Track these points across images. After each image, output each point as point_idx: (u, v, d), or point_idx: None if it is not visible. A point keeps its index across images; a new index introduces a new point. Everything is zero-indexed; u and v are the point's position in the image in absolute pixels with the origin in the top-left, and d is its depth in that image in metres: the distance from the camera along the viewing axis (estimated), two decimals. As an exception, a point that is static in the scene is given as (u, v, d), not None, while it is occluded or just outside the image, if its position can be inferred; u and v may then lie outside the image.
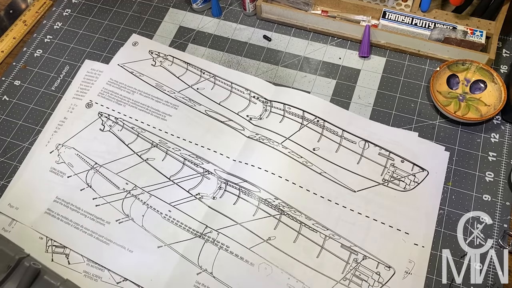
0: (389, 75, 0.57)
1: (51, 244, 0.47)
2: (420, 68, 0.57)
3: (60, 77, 0.59)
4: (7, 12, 0.66)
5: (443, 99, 0.54)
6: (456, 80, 0.55)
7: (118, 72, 0.59)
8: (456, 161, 0.50)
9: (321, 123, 0.53)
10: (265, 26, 0.62)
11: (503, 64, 0.57)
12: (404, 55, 0.58)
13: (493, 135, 0.52)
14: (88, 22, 0.65)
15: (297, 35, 0.61)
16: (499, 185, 0.49)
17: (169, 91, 0.57)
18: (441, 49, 0.57)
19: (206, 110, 0.55)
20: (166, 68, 0.59)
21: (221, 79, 0.57)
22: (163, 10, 0.65)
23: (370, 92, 0.56)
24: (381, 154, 0.51)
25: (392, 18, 0.58)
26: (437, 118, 0.53)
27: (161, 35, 0.63)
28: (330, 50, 0.60)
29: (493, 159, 0.50)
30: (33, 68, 0.60)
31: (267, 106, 0.55)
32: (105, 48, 0.62)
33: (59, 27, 0.64)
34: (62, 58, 0.61)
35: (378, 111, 0.54)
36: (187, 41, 0.62)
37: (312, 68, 0.58)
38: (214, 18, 0.64)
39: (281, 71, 0.58)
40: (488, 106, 0.53)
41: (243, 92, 0.56)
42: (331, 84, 0.57)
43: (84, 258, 0.46)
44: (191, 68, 0.59)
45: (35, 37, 0.63)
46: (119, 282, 0.45)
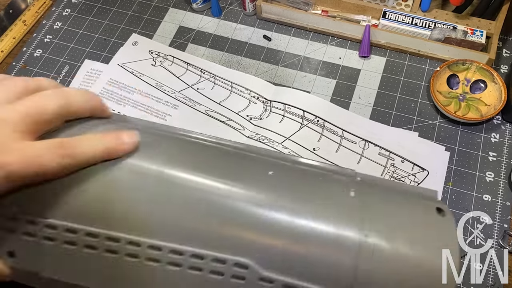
0: (389, 75, 0.57)
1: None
2: (420, 68, 0.57)
3: (60, 77, 0.59)
4: (6, 12, 0.66)
5: (443, 99, 0.54)
6: (456, 80, 0.55)
7: (118, 72, 0.59)
8: (456, 161, 0.50)
9: (321, 123, 0.53)
10: (265, 26, 0.62)
11: (503, 64, 0.57)
12: (404, 55, 0.58)
13: (493, 135, 0.52)
14: (88, 22, 0.65)
15: (297, 35, 0.61)
16: (499, 185, 0.49)
17: (169, 91, 0.57)
18: (441, 49, 0.57)
19: (206, 110, 0.55)
20: (166, 68, 0.59)
21: (221, 79, 0.57)
22: (163, 10, 0.65)
23: (370, 92, 0.56)
24: (381, 154, 0.51)
25: (392, 18, 0.58)
26: (437, 118, 0.53)
27: (161, 35, 0.62)
28: (330, 50, 0.60)
29: (493, 159, 0.50)
30: (33, 68, 0.60)
31: (267, 106, 0.55)
32: (105, 48, 0.62)
33: (59, 27, 0.64)
34: (62, 58, 0.61)
35: (378, 111, 0.54)
36: (187, 41, 0.62)
37: (312, 68, 0.58)
38: (214, 18, 0.64)
39: (281, 71, 0.58)
40: (488, 106, 0.53)
41: (243, 92, 0.56)
42: (331, 84, 0.57)
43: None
44: (191, 68, 0.59)
45: (35, 37, 0.63)
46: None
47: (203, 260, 0.28)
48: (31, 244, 0.30)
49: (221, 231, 0.28)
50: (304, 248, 0.27)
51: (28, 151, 0.26)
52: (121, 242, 0.28)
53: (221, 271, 0.28)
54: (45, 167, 0.26)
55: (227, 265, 0.28)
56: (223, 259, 0.27)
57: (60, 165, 0.27)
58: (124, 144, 0.29)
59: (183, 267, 0.28)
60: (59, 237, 0.29)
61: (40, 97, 0.28)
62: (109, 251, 0.29)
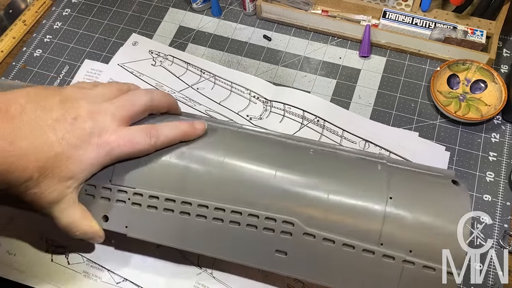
0: (390, 75, 0.57)
1: (51, 244, 0.47)
2: (420, 68, 0.57)
3: (60, 77, 0.59)
4: (6, 12, 0.66)
5: (443, 99, 0.54)
6: (456, 80, 0.55)
7: (118, 72, 0.59)
8: (456, 161, 0.50)
9: (321, 123, 0.53)
10: (265, 26, 0.62)
11: (503, 64, 0.57)
12: (405, 55, 0.58)
13: (493, 135, 0.52)
14: (88, 22, 0.64)
15: (297, 35, 0.61)
16: (499, 185, 0.49)
17: (169, 91, 0.57)
18: (441, 49, 0.57)
19: (206, 110, 0.55)
20: (166, 68, 0.59)
21: (221, 79, 0.57)
22: (163, 10, 0.65)
23: (370, 92, 0.56)
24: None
25: (393, 18, 0.58)
26: (438, 118, 0.53)
27: (161, 35, 0.62)
28: (330, 50, 0.60)
29: (494, 159, 0.50)
30: (32, 68, 0.60)
31: (267, 106, 0.55)
32: (105, 48, 0.62)
33: (59, 27, 0.64)
34: (62, 58, 0.61)
35: (379, 111, 0.54)
36: (187, 41, 0.62)
37: (312, 68, 0.58)
38: (214, 18, 0.64)
39: (281, 71, 0.58)
40: (489, 106, 0.53)
41: (243, 92, 0.56)
42: (331, 84, 0.57)
43: (84, 258, 0.46)
44: (191, 68, 0.59)
45: (35, 37, 0.63)
46: (119, 282, 0.45)
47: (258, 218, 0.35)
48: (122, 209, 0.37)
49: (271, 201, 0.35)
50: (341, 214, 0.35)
51: (124, 132, 0.35)
52: (192, 205, 0.36)
53: (272, 227, 0.35)
54: (137, 144, 0.35)
55: (277, 222, 0.35)
56: (274, 218, 0.35)
57: (148, 144, 0.35)
58: (197, 129, 0.38)
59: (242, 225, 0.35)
60: (144, 203, 0.37)
61: (131, 95, 0.37)
62: (183, 213, 0.36)
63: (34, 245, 0.47)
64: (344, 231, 0.34)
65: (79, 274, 0.45)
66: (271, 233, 0.35)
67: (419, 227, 0.34)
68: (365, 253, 0.34)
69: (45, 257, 0.46)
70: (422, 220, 0.34)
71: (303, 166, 0.37)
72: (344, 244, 0.34)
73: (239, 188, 0.36)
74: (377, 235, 0.34)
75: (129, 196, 0.37)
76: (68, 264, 0.46)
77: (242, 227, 0.35)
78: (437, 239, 0.33)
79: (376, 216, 0.34)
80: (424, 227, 0.34)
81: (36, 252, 0.46)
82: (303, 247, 0.35)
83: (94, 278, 0.45)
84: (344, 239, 0.34)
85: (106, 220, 0.38)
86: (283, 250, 0.35)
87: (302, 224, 0.35)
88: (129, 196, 0.37)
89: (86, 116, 0.34)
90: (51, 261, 0.46)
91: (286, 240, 0.35)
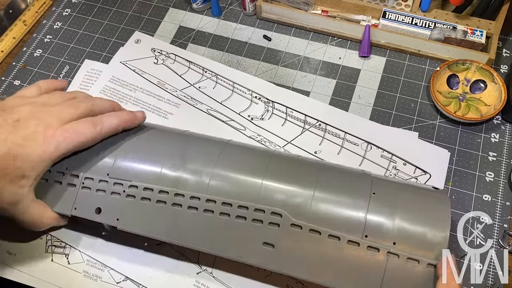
0: (389, 75, 0.57)
1: (51, 244, 0.47)
2: (420, 68, 0.57)
3: (60, 77, 0.59)
4: (6, 12, 0.66)
5: (443, 99, 0.54)
6: (456, 80, 0.55)
7: (120, 69, 0.59)
8: (456, 161, 0.50)
9: (323, 127, 0.53)
10: (265, 26, 0.62)
11: (503, 64, 0.57)
12: (404, 55, 0.58)
13: (493, 135, 0.52)
14: (88, 22, 0.64)
15: (297, 35, 0.61)
16: (499, 185, 0.49)
17: (171, 90, 0.57)
18: (441, 49, 0.57)
19: (207, 109, 0.55)
20: (168, 66, 0.59)
21: (223, 78, 0.57)
22: (163, 10, 0.65)
23: (370, 92, 0.56)
24: (383, 157, 0.51)
25: (392, 18, 0.58)
26: (437, 118, 0.53)
27: (161, 35, 0.62)
28: (330, 50, 0.60)
29: (493, 159, 0.50)
30: (33, 68, 0.60)
31: (268, 106, 0.55)
32: (105, 48, 0.62)
33: (59, 27, 0.64)
34: (62, 58, 0.61)
35: (378, 111, 0.54)
36: (187, 41, 0.62)
37: (312, 68, 0.58)
38: (214, 18, 0.64)
39: (281, 71, 0.58)
40: (488, 106, 0.53)
41: (245, 92, 0.56)
42: (331, 84, 0.57)
43: (84, 258, 0.46)
44: (193, 67, 0.59)
45: (35, 37, 0.63)
46: (119, 282, 0.45)
47: (248, 210, 0.37)
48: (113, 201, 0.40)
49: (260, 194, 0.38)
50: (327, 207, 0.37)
51: (69, 126, 0.37)
52: (185, 197, 0.38)
53: (260, 219, 0.37)
54: (83, 134, 0.37)
55: (265, 214, 0.37)
56: (263, 209, 0.37)
57: (94, 132, 0.38)
58: (137, 117, 0.42)
59: (231, 216, 0.37)
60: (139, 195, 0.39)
61: (75, 100, 0.41)
62: (175, 204, 0.39)
63: (34, 245, 0.47)
64: (330, 223, 0.36)
65: (79, 274, 0.45)
66: (260, 224, 0.37)
67: (401, 220, 0.36)
68: (350, 244, 0.36)
69: (45, 257, 0.46)
70: (404, 214, 0.36)
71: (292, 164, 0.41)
72: (329, 235, 0.36)
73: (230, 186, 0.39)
74: (361, 227, 0.36)
75: (125, 189, 0.39)
76: (68, 264, 0.46)
77: (232, 219, 0.37)
78: (418, 232, 0.36)
79: (360, 209, 0.36)
80: (406, 221, 0.36)
81: (36, 252, 0.46)
82: (290, 239, 0.37)
83: (94, 278, 0.45)
84: (329, 230, 0.36)
85: (99, 212, 0.40)
86: (271, 243, 0.37)
87: (289, 215, 0.37)
88: (125, 188, 0.39)
89: (30, 116, 0.37)
90: (51, 261, 0.46)
91: (274, 231, 0.37)
